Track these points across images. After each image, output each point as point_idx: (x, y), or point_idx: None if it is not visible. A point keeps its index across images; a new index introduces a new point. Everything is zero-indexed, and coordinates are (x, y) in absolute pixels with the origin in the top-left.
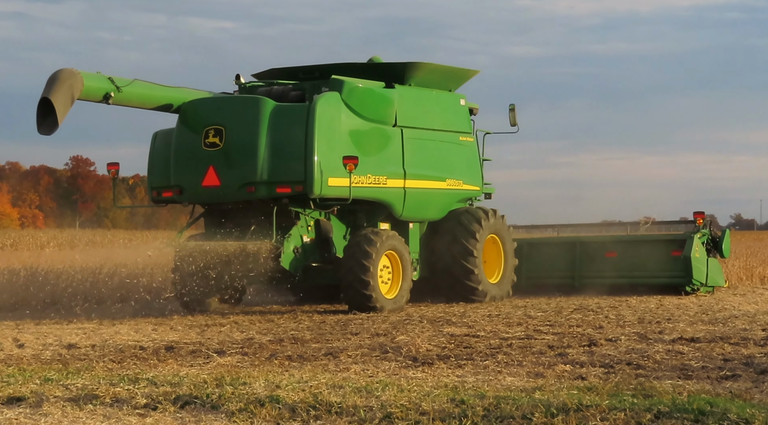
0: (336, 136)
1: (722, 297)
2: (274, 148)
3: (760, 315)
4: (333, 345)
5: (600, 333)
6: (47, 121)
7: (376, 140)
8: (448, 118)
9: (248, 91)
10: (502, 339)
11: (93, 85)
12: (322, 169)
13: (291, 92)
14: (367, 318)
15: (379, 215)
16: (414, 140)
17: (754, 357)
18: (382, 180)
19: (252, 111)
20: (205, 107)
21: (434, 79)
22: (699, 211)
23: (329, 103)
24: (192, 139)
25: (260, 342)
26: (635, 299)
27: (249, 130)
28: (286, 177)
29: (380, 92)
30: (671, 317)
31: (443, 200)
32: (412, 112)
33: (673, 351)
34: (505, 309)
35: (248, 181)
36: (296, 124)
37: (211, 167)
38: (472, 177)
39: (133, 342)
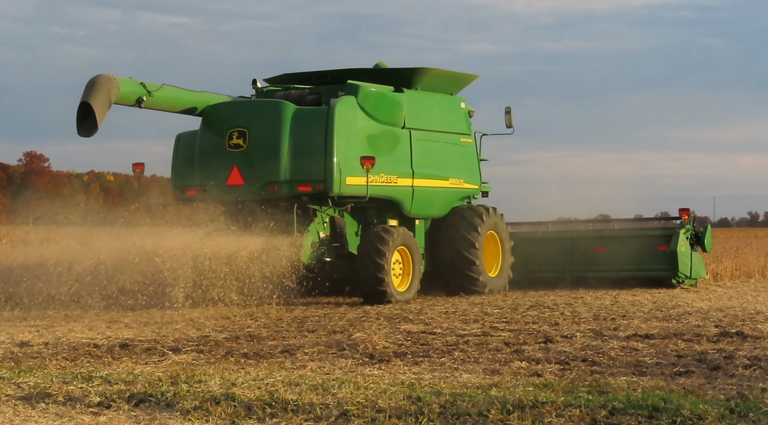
0: (353, 137)
1: (676, 294)
2: (296, 149)
3: (713, 311)
4: (289, 343)
5: (556, 329)
6: (86, 124)
7: (387, 141)
8: (450, 120)
9: (265, 95)
10: (458, 336)
11: (127, 89)
12: (341, 168)
13: (308, 96)
14: (324, 315)
15: (388, 212)
16: (420, 141)
17: (707, 354)
18: (393, 179)
19: (274, 114)
20: (228, 110)
21: (438, 84)
22: (684, 208)
23: (346, 106)
24: (216, 140)
25: (216, 339)
26: (591, 295)
27: (272, 132)
28: (307, 176)
29: (391, 96)
30: (626, 314)
31: (447, 198)
32: (418, 115)
33: (628, 347)
34: (462, 306)
35: (271, 180)
36: (316, 127)
37: (235, 167)
38: (472, 176)
39: (87, 340)
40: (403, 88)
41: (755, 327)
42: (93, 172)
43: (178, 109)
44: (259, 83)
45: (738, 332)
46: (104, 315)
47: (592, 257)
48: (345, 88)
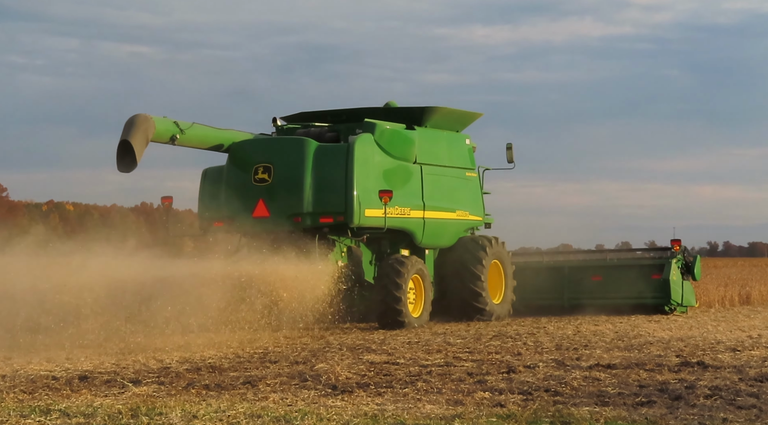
0: (370, 172)
1: (638, 324)
2: (318, 183)
3: (674, 341)
4: (251, 374)
5: (518, 360)
6: (126, 160)
7: (401, 176)
8: (456, 155)
9: (286, 132)
10: (421, 367)
11: (162, 127)
12: (360, 201)
13: (327, 133)
14: (287, 346)
15: (401, 243)
16: (431, 175)
17: (669, 383)
18: (407, 211)
19: (298, 150)
20: (254, 147)
21: (445, 121)
22: (676, 239)
23: (364, 143)
24: (242, 175)
25: (177, 371)
26: (553, 325)
27: (295, 167)
28: (328, 208)
29: (404, 133)
30: (588, 343)
31: (454, 229)
32: (429, 151)
33: (590, 377)
34: (425, 336)
35: (295, 212)
36: (337, 162)
37: (261, 200)
38: (476, 208)
39: (46, 372)
40: (415, 126)
41: (716, 357)
42: (52, 201)
43: (207, 146)
44: (278, 121)
45: (699, 362)
46: (64, 347)
47: (589, 285)
48: (362, 125)
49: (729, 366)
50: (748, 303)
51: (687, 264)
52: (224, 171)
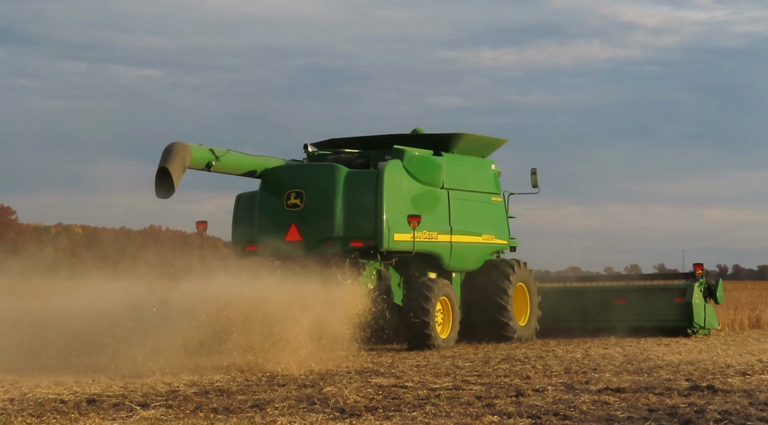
0: (399, 197)
1: (647, 347)
2: (348, 208)
3: (684, 364)
4: (259, 397)
5: (527, 383)
6: (164, 186)
7: (428, 201)
8: (482, 180)
9: (317, 158)
10: (430, 390)
11: (199, 155)
12: (390, 226)
13: (357, 159)
14: (297, 371)
15: (428, 266)
16: (457, 200)
17: (678, 407)
18: (434, 235)
19: (329, 176)
20: (286, 173)
21: (471, 147)
22: (698, 263)
23: (394, 169)
24: (275, 200)
25: (185, 394)
26: (562, 348)
27: (326, 193)
28: (359, 233)
29: (432, 159)
30: (597, 367)
31: (480, 252)
32: (455, 176)
33: (599, 401)
34: (433, 359)
35: (326, 237)
36: (367, 188)
37: (293, 225)
38: (502, 232)
39: (54, 396)
40: (442, 152)
41: (725, 381)
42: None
43: (241, 173)
44: (309, 148)
45: (709, 386)
46: (72, 370)
47: (613, 308)
48: (391, 152)
49: (739, 390)
50: (758, 327)
51: (709, 287)
52: (257, 196)
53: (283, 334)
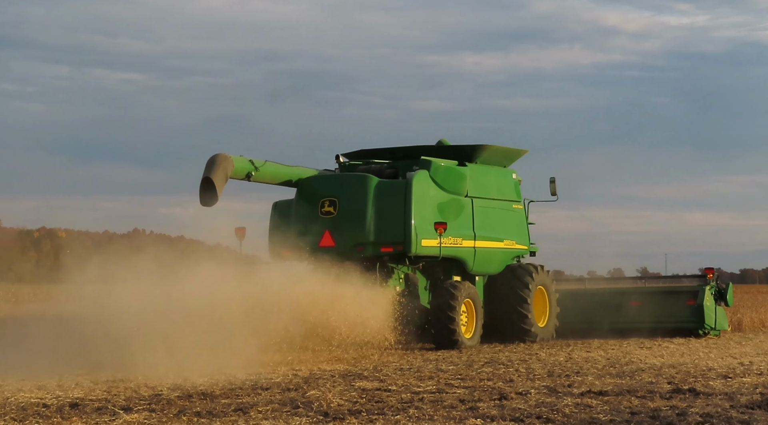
0: (426, 205)
1: (630, 350)
2: (379, 216)
3: (666, 368)
4: (243, 401)
5: (510, 386)
6: (207, 195)
7: (453, 208)
8: (504, 189)
9: (348, 168)
10: (413, 393)
11: (240, 165)
12: (417, 232)
13: (386, 170)
14: (281, 375)
15: (453, 270)
16: (481, 208)
17: (660, 411)
18: (459, 241)
19: (361, 185)
20: (320, 183)
21: (494, 158)
22: (709, 267)
23: (421, 179)
24: (309, 208)
25: (168, 398)
26: (545, 352)
27: (358, 201)
28: (389, 238)
29: (457, 169)
30: (580, 370)
31: (502, 257)
32: (479, 185)
33: (582, 404)
34: (417, 362)
35: (358, 242)
36: (396, 196)
37: (327, 231)
38: (522, 237)
39: (36, 400)
40: (466, 162)
41: (707, 384)
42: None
43: (278, 182)
44: (341, 159)
45: (690, 389)
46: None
47: (628, 310)
48: (419, 163)
49: (720, 393)
50: (740, 330)
51: (720, 290)
52: (293, 204)
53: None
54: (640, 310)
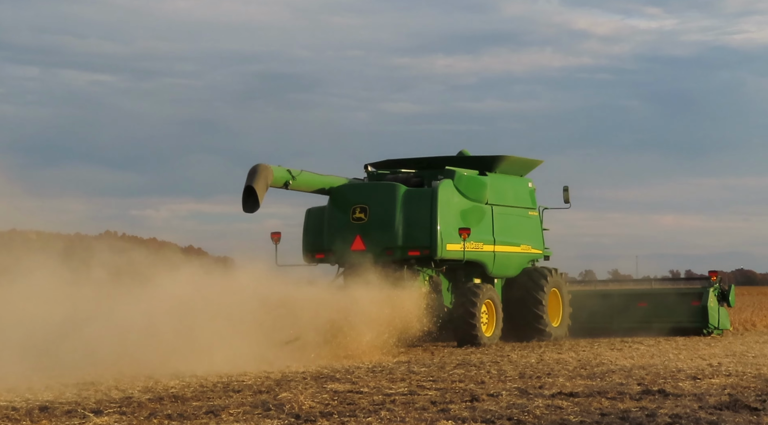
0: (451, 212)
1: (600, 352)
2: (407, 222)
3: (636, 369)
4: (214, 403)
5: (482, 388)
6: (249, 202)
7: (475, 215)
8: (521, 197)
9: (377, 177)
10: (385, 395)
11: (279, 175)
12: (443, 237)
13: (413, 179)
14: (252, 377)
15: (474, 273)
16: (500, 215)
17: (630, 412)
18: (480, 246)
19: (390, 193)
20: (352, 191)
21: (512, 167)
22: (713, 270)
23: (446, 187)
24: (342, 214)
25: (139, 400)
26: (516, 354)
27: (388, 208)
28: (416, 243)
29: (478, 179)
30: (551, 372)
31: (519, 261)
32: (498, 193)
33: (553, 405)
34: (389, 364)
35: (387, 246)
36: (423, 204)
37: (358, 236)
38: (537, 242)
39: (5, 403)
40: (486, 172)
41: (677, 386)
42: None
43: (312, 190)
44: (369, 168)
45: (660, 390)
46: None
47: (636, 311)
48: (443, 172)
49: (689, 394)
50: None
51: (723, 292)
52: (326, 210)
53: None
54: (647, 311)
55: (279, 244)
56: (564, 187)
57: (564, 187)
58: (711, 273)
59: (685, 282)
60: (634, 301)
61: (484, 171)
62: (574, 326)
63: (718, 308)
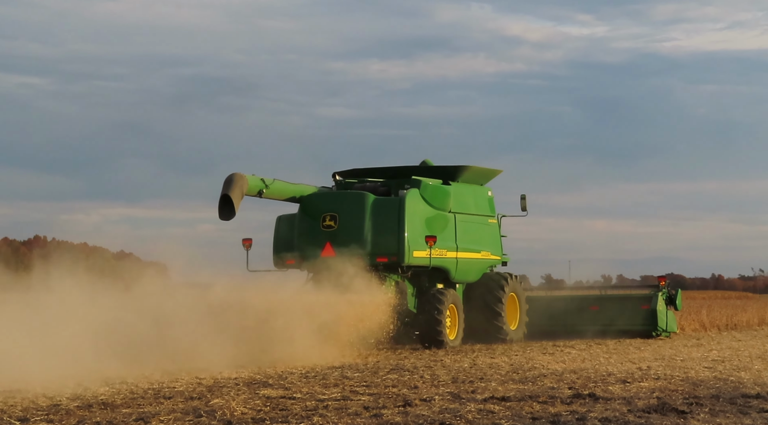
0: (417, 220)
1: (533, 356)
2: (375, 229)
3: (567, 373)
4: (144, 410)
5: (415, 393)
6: (225, 210)
7: (440, 223)
8: (481, 205)
9: (345, 186)
10: (318, 401)
11: (253, 183)
12: (410, 244)
13: (380, 188)
14: (184, 383)
15: (437, 278)
16: (462, 222)
17: (561, 416)
18: (444, 252)
19: (359, 202)
20: (322, 199)
21: (473, 177)
22: (662, 275)
23: (413, 196)
24: (312, 222)
25: (68, 408)
26: (450, 358)
27: (357, 216)
28: (384, 250)
29: (442, 188)
30: (484, 376)
31: (479, 267)
32: (460, 202)
33: (485, 410)
34: (322, 370)
35: (356, 253)
36: (391, 212)
37: (328, 243)
38: (496, 249)
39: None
40: (450, 181)
41: (607, 389)
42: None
43: (284, 198)
44: (338, 177)
45: (590, 394)
46: None
47: (588, 314)
48: (410, 182)
49: (619, 397)
50: (640, 336)
51: (670, 296)
52: (296, 218)
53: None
54: (599, 314)
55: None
56: (521, 195)
57: (521, 195)
58: (659, 278)
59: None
60: (587, 305)
61: (447, 180)
62: (531, 329)
63: (666, 311)
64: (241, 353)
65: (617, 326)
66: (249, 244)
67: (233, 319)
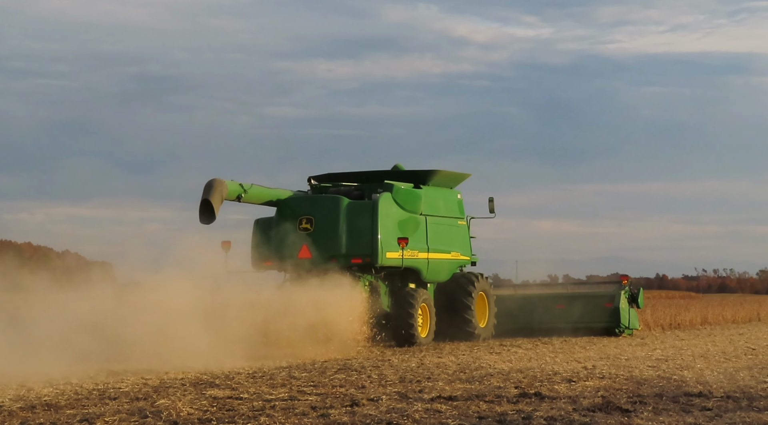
0: (390, 223)
1: (480, 356)
2: (350, 231)
3: (514, 372)
4: (89, 411)
5: (362, 393)
6: (206, 214)
7: (411, 225)
8: (451, 207)
9: (320, 190)
10: (265, 401)
11: (232, 188)
12: (383, 246)
13: (354, 191)
14: (130, 384)
15: (409, 278)
16: (433, 224)
17: (507, 415)
18: (416, 253)
19: (334, 205)
20: (299, 203)
21: (443, 180)
22: (624, 274)
23: (385, 200)
24: (289, 224)
25: (10, 409)
26: (398, 358)
27: (332, 219)
28: (358, 251)
29: (414, 191)
30: (431, 376)
31: (450, 267)
32: (431, 205)
33: (432, 409)
34: (270, 370)
35: (332, 254)
36: (365, 215)
37: (305, 245)
38: (465, 250)
39: None
40: (421, 185)
41: (552, 388)
42: None
43: (262, 202)
44: (313, 181)
45: (536, 393)
46: None
47: (554, 312)
48: (383, 186)
49: (564, 396)
50: (586, 335)
51: (633, 294)
52: (274, 221)
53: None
54: (564, 312)
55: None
56: (489, 198)
57: (489, 197)
58: (622, 277)
59: (598, 285)
60: (553, 303)
61: (418, 184)
62: (499, 327)
63: (628, 309)
64: (190, 353)
65: (582, 324)
66: (228, 246)
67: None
